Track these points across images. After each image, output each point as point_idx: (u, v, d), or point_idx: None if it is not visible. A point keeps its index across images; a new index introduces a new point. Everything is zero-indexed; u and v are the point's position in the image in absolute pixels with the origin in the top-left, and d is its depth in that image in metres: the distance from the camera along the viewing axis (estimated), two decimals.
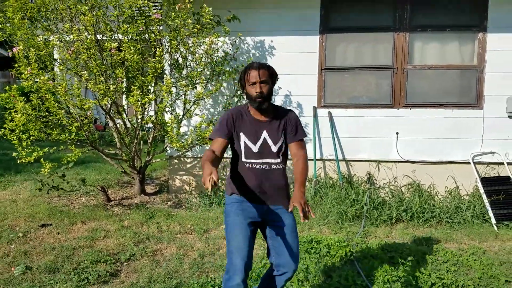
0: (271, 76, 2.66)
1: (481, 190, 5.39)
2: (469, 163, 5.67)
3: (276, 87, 5.81)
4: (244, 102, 5.75)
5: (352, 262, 3.99)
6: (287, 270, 2.71)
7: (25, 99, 5.26)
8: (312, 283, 3.55)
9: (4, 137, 5.42)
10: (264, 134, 2.67)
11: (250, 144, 2.66)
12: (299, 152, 2.70)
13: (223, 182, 6.04)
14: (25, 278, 3.67)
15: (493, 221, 5.12)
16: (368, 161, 5.89)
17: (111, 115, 5.50)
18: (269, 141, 2.67)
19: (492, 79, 5.62)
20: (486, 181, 5.49)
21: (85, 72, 4.59)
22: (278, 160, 2.69)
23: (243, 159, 2.67)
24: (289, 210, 2.36)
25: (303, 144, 2.75)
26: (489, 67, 5.61)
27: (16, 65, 5.46)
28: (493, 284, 3.65)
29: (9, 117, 5.30)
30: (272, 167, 2.68)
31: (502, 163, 5.65)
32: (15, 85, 4.93)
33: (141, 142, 6.04)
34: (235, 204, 2.70)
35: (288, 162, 5.80)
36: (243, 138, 2.66)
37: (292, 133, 2.72)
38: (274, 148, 2.67)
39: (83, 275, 3.69)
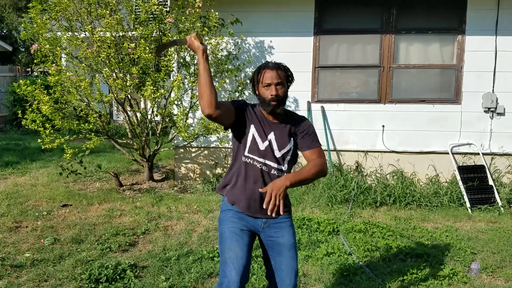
0: (287, 77, 2.44)
1: (458, 177, 5.99)
2: (448, 153, 6.26)
3: None
4: (244, 97, 6.32)
5: (339, 236, 4.58)
6: None
7: (46, 92, 5.83)
8: (304, 252, 4.13)
9: (26, 127, 5.99)
10: (271, 136, 2.41)
11: (258, 139, 2.40)
12: (318, 159, 2.39)
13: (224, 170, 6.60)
14: (55, 248, 4.23)
15: (468, 204, 5.72)
16: (356, 151, 6.48)
17: (124, 108, 6.07)
18: (274, 145, 2.40)
19: (469, 77, 6.20)
20: (463, 169, 6.08)
21: (106, 69, 5.16)
22: (281, 167, 2.42)
23: (246, 153, 2.41)
24: (260, 189, 2.28)
25: (321, 152, 2.44)
26: (467, 66, 6.19)
27: (35, 60, 6.02)
28: (459, 254, 4.23)
29: (30, 109, 5.85)
30: (272, 171, 2.40)
31: (478, 153, 6.24)
32: (39, 80, 5.48)
33: (150, 133, 6.61)
34: (231, 212, 2.48)
35: None
36: (252, 130, 2.40)
37: (308, 140, 2.44)
38: (278, 153, 2.41)
39: (105, 244, 4.27)
